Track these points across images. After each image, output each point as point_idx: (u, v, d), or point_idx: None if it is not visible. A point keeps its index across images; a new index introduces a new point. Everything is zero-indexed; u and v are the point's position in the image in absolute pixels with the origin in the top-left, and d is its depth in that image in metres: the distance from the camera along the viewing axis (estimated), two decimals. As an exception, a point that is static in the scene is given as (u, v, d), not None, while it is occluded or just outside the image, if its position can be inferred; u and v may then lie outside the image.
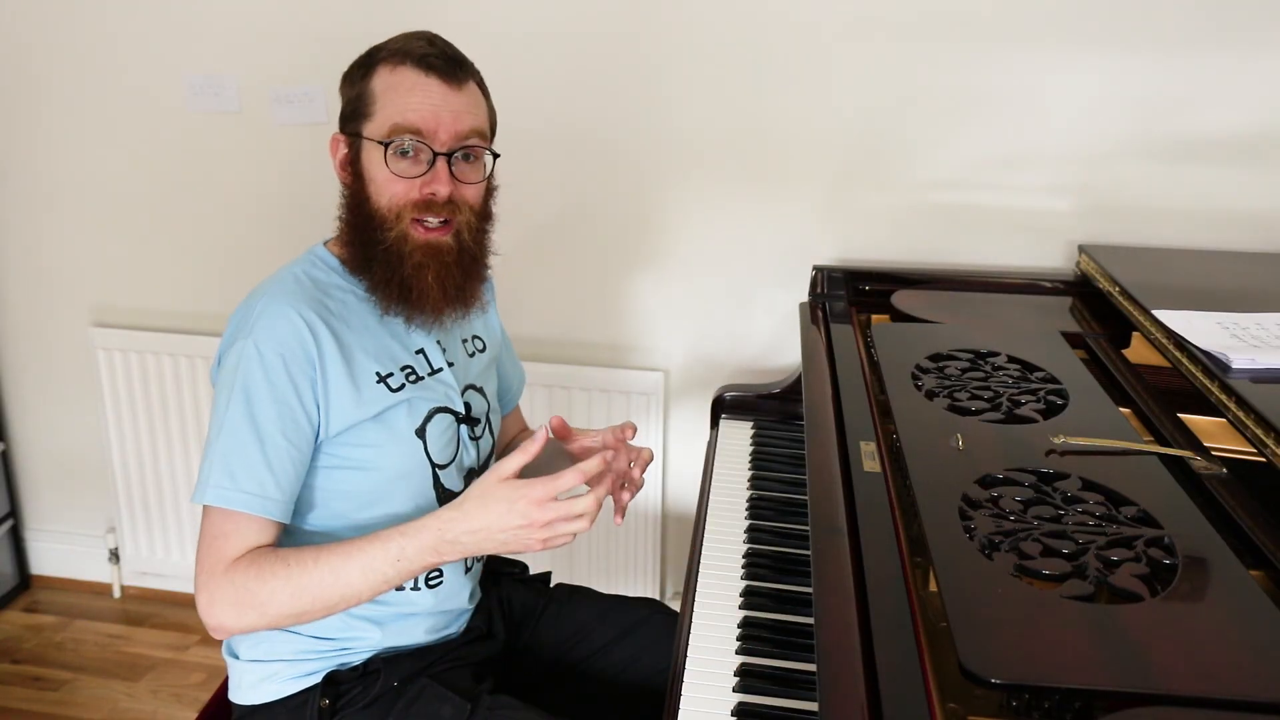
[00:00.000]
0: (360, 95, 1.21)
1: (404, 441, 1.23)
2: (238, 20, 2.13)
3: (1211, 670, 0.81)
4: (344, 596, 1.13)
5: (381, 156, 1.19)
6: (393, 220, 1.20)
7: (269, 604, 1.12)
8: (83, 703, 2.21)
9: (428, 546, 1.13)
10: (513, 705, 1.25)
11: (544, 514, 1.09)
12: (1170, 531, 0.99)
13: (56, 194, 2.33)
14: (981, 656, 0.81)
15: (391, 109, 1.18)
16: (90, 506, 2.57)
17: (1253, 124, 1.83)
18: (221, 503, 1.13)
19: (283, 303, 1.17)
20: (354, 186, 1.23)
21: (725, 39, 1.95)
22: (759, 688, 1.10)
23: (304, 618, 1.14)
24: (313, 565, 1.13)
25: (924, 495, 1.07)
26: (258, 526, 1.14)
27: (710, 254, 2.10)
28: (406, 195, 1.19)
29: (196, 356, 2.32)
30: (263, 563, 1.13)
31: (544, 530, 1.10)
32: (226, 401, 1.15)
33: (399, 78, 1.19)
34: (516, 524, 1.10)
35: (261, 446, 1.13)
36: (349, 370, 1.18)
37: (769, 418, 1.80)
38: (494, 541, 1.12)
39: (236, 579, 1.12)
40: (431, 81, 1.19)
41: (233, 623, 1.13)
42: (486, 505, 1.11)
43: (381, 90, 1.19)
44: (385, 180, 1.19)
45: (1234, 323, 1.38)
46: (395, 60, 1.20)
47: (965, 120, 1.91)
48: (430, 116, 1.18)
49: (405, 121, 1.18)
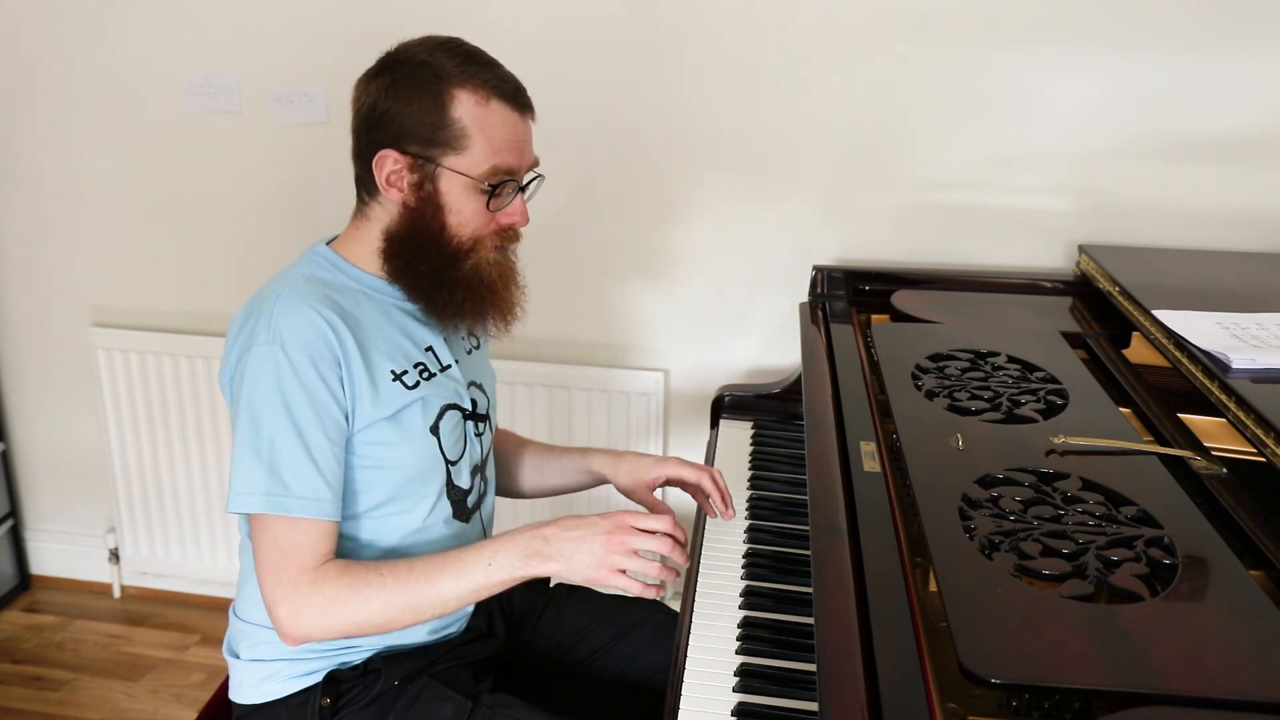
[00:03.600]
0: (440, 123, 1.17)
1: (419, 439, 1.23)
2: (238, 20, 2.13)
3: (1211, 670, 0.81)
4: (433, 604, 1.15)
5: (472, 191, 1.19)
6: (471, 249, 1.22)
7: (360, 612, 1.13)
8: (83, 703, 2.21)
9: (519, 552, 1.15)
10: (513, 704, 1.25)
11: (633, 526, 1.15)
12: (1170, 531, 0.99)
13: (56, 194, 2.34)
14: (981, 656, 0.81)
15: (489, 149, 1.18)
16: (90, 506, 2.57)
17: (1253, 124, 1.83)
18: (278, 510, 1.12)
19: (300, 303, 1.16)
20: (423, 210, 1.20)
21: (726, 41, 1.95)
22: (759, 688, 1.10)
23: (390, 626, 1.15)
24: (406, 574, 1.14)
25: (924, 495, 1.07)
26: (320, 530, 1.15)
27: (710, 254, 2.10)
28: (488, 227, 1.22)
29: (196, 356, 2.32)
30: (355, 572, 1.14)
31: (630, 538, 1.13)
32: (261, 408, 1.13)
33: (492, 114, 1.18)
34: (606, 530, 1.14)
35: (307, 450, 1.13)
36: (367, 369, 1.18)
37: (769, 418, 1.80)
38: (582, 553, 1.14)
39: (326, 589, 1.12)
40: (518, 118, 1.21)
41: (320, 632, 1.14)
42: (583, 518, 1.16)
43: (473, 125, 1.17)
44: (473, 214, 1.20)
45: (1234, 323, 1.38)
46: (480, 92, 1.18)
47: (965, 120, 1.91)
48: (520, 154, 1.21)
49: (504, 164, 1.19)
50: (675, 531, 1.17)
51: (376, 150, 1.19)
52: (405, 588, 1.14)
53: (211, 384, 2.33)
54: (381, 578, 1.14)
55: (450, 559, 1.16)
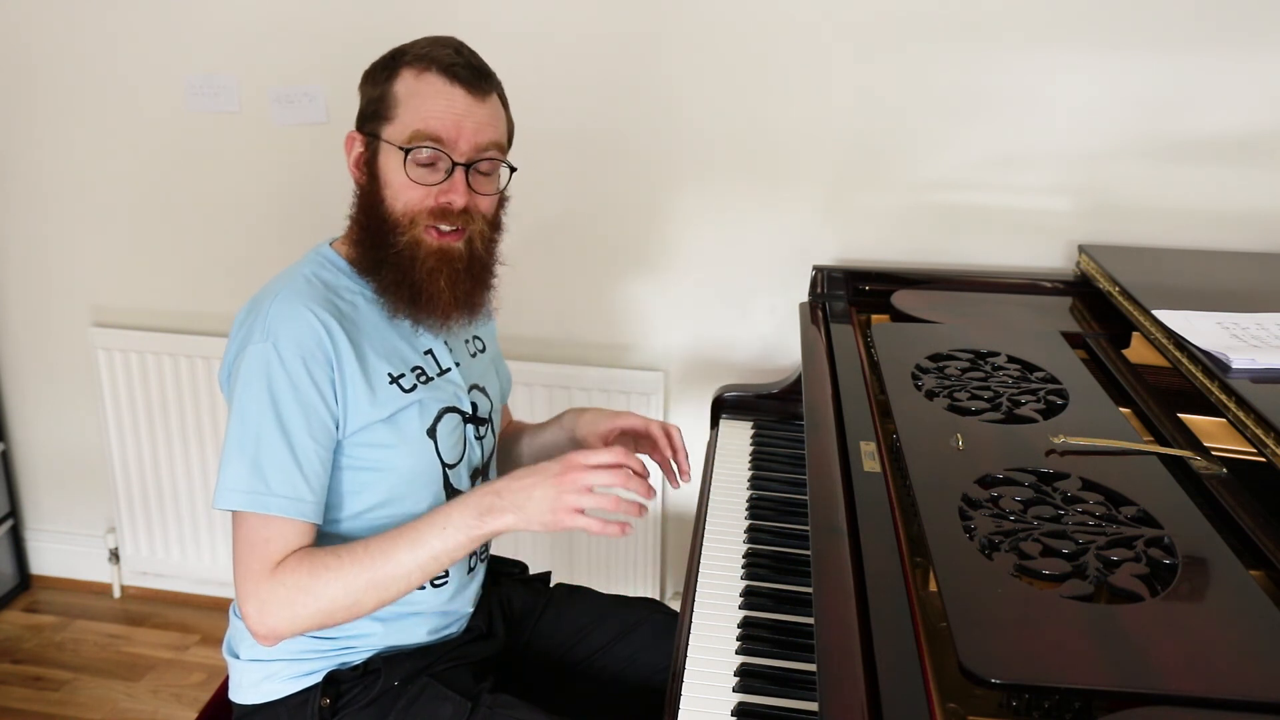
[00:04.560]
0: (382, 96, 1.20)
1: (416, 442, 1.23)
2: (238, 20, 2.13)
3: (1211, 670, 0.81)
4: (394, 577, 1.13)
5: (400, 161, 1.18)
6: (406, 225, 1.20)
7: (323, 598, 1.12)
8: (83, 703, 2.21)
9: (472, 510, 1.13)
10: (513, 705, 1.25)
11: (584, 464, 1.13)
12: (1170, 531, 0.99)
13: (56, 194, 2.34)
14: (981, 656, 0.81)
15: (413, 115, 1.18)
16: (90, 506, 2.57)
17: (1253, 124, 1.83)
18: (257, 508, 1.13)
19: (297, 304, 1.16)
20: (368, 187, 1.22)
21: (726, 41, 1.95)
22: (759, 688, 1.09)
23: (357, 609, 1.14)
24: (362, 552, 1.13)
25: (924, 495, 1.07)
26: (295, 530, 1.14)
27: (710, 254, 2.10)
28: (422, 202, 1.20)
29: (196, 356, 2.32)
30: (313, 559, 1.13)
31: (582, 475, 1.12)
32: (249, 406, 1.14)
33: (423, 84, 1.19)
34: (556, 473, 1.12)
35: (291, 450, 1.13)
36: (363, 371, 1.18)
37: (769, 418, 1.80)
38: (535, 499, 1.12)
39: (286, 579, 1.12)
40: (456, 90, 1.19)
41: (287, 625, 1.13)
42: (534, 467, 1.15)
43: (405, 95, 1.19)
44: (402, 185, 1.19)
45: (1234, 323, 1.38)
46: (420, 65, 1.19)
47: (965, 120, 1.91)
48: (452, 126, 1.19)
49: (427, 129, 1.18)
50: (628, 460, 1.15)
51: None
52: (362, 565, 1.12)
53: (211, 384, 2.33)
54: (339, 559, 1.13)
55: (405, 530, 1.15)
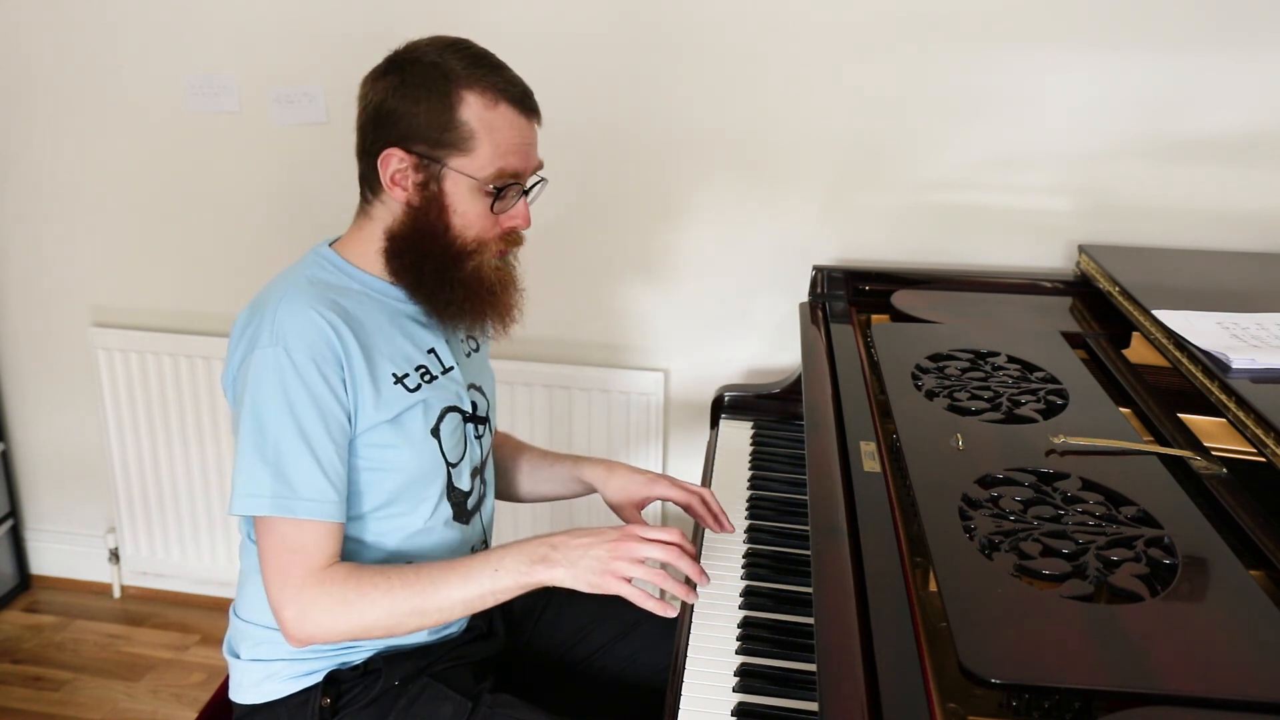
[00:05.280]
0: (448, 124, 1.17)
1: (420, 441, 1.23)
2: (238, 20, 2.13)
3: (1211, 670, 0.81)
4: (439, 608, 1.14)
5: (476, 193, 1.19)
6: (475, 251, 1.22)
7: (366, 615, 1.13)
8: (83, 703, 2.21)
9: (525, 558, 1.14)
10: (513, 704, 1.25)
11: (642, 536, 1.14)
12: (1170, 531, 0.99)
13: (56, 194, 2.34)
14: (981, 656, 0.81)
15: (495, 152, 1.18)
16: (90, 506, 2.57)
17: (1253, 124, 1.83)
18: (285, 512, 1.13)
19: (304, 305, 1.16)
20: (426, 210, 1.20)
21: (726, 41, 1.95)
22: (759, 688, 1.10)
23: (395, 630, 1.15)
24: (413, 577, 1.14)
25: (924, 495, 1.07)
26: (327, 531, 1.15)
27: (710, 254, 2.10)
28: (492, 230, 1.22)
29: (196, 356, 2.32)
30: (361, 575, 1.14)
31: (637, 546, 1.13)
32: (265, 410, 1.13)
33: (500, 118, 1.18)
34: (613, 538, 1.14)
35: (312, 452, 1.14)
36: (370, 372, 1.18)
37: (769, 418, 1.80)
38: (589, 559, 1.13)
39: (333, 590, 1.13)
40: (525, 122, 1.21)
41: (324, 634, 1.14)
42: (593, 529, 1.16)
43: (481, 128, 1.17)
44: (478, 216, 1.20)
45: (1234, 323, 1.38)
46: (489, 95, 1.18)
47: (965, 120, 1.91)
48: (526, 158, 1.21)
49: (510, 167, 1.19)
50: (684, 543, 1.16)
51: (382, 148, 1.19)
52: (412, 591, 1.14)
53: (211, 384, 2.33)
54: (389, 580, 1.14)
55: (458, 564, 1.16)
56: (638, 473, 1.40)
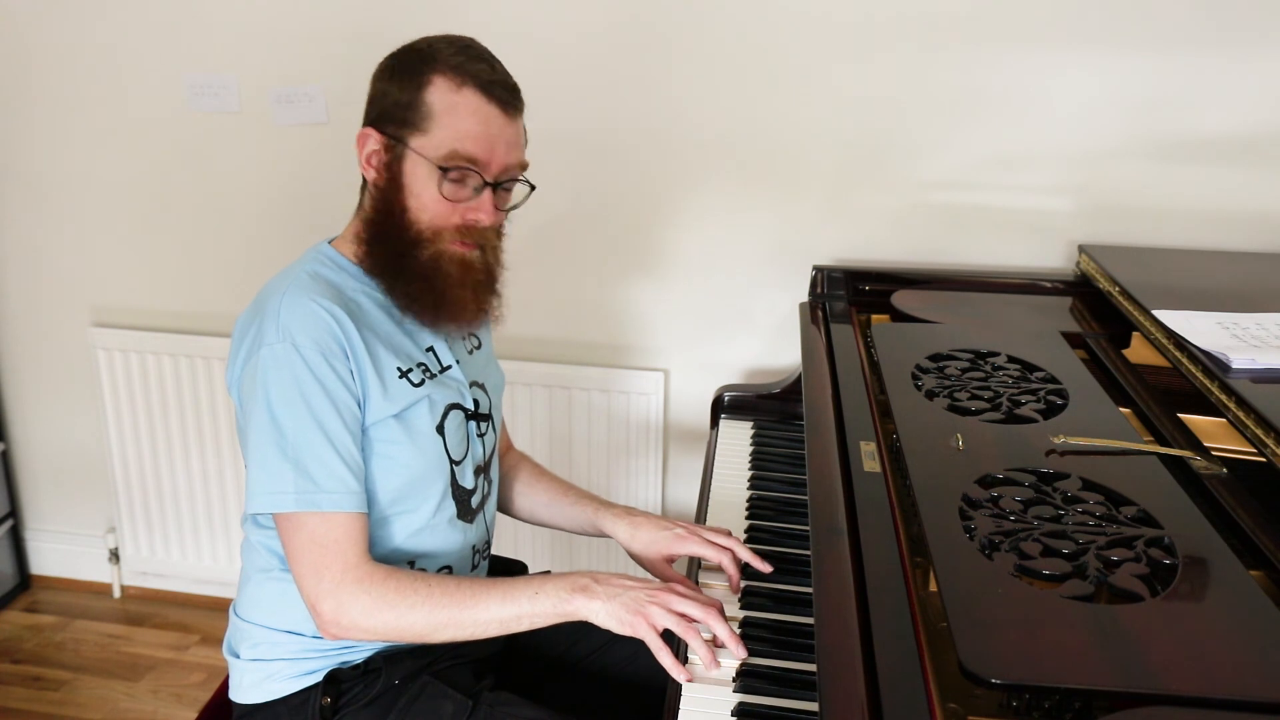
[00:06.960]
0: (412, 104, 1.18)
1: (426, 438, 1.23)
2: (238, 20, 2.13)
3: (1211, 670, 0.81)
4: (475, 622, 1.15)
5: (432, 176, 1.18)
6: (430, 238, 1.20)
7: (405, 618, 1.13)
8: (83, 703, 2.21)
9: (566, 586, 1.15)
10: (513, 702, 1.25)
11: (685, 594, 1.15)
12: (1170, 531, 0.99)
13: (56, 194, 2.34)
14: (981, 656, 0.81)
15: (451, 133, 1.17)
16: (90, 506, 2.57)
17: (1253, 124, 1.83)
18: (311, 507, 1.13)
19: (305, 299, 1.16)
20: (387, 190, 1.21)
21: (727, 41, 1.95)
22: (759, 688, 1.09)
23: (428, 638, 1.16)
24: (455, 588, 1.15)
25: (924, 495, 1.07)
26: (355, 521, 1.15)
27: (710, 254, 2.10)
28: (448, 218, 1.20)
29: (196, 356, 2.32)
30: (401, 578, 1.15)
31: (677, 599, 1.13)
32: (278, 406, 1.13)
33: (462, 100, 1.17)
34: (657, 586, 1.15)
35: (331, 443, 1.14)
36: (374, 364, 1.19)
37: (769, 418, 1.80)
38: (626, 597, 1.13)
39: (373, 588, 1.13)
40: (492, 110, 1.18)
41: (359, 631, 1.14)
42: (640, 578, 1.17)
43: (441, 108, 1.17)
44: (431, 200, 1.19)
45: (1234, 323, 1.38)
46: (457, 78, 1.17)
47: (965, 120, 1.91)
48: (488, 147, 1.19)
49: (464, 150, 1.17)
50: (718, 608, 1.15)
51: (362, 129, 1.21)
52: (452, 600, 1.14)
53: (211, 384, 2.33)
54: (429, 587, 1.14)
55: (499, 582, 1.16)
56: (664, 527, 1.32)
